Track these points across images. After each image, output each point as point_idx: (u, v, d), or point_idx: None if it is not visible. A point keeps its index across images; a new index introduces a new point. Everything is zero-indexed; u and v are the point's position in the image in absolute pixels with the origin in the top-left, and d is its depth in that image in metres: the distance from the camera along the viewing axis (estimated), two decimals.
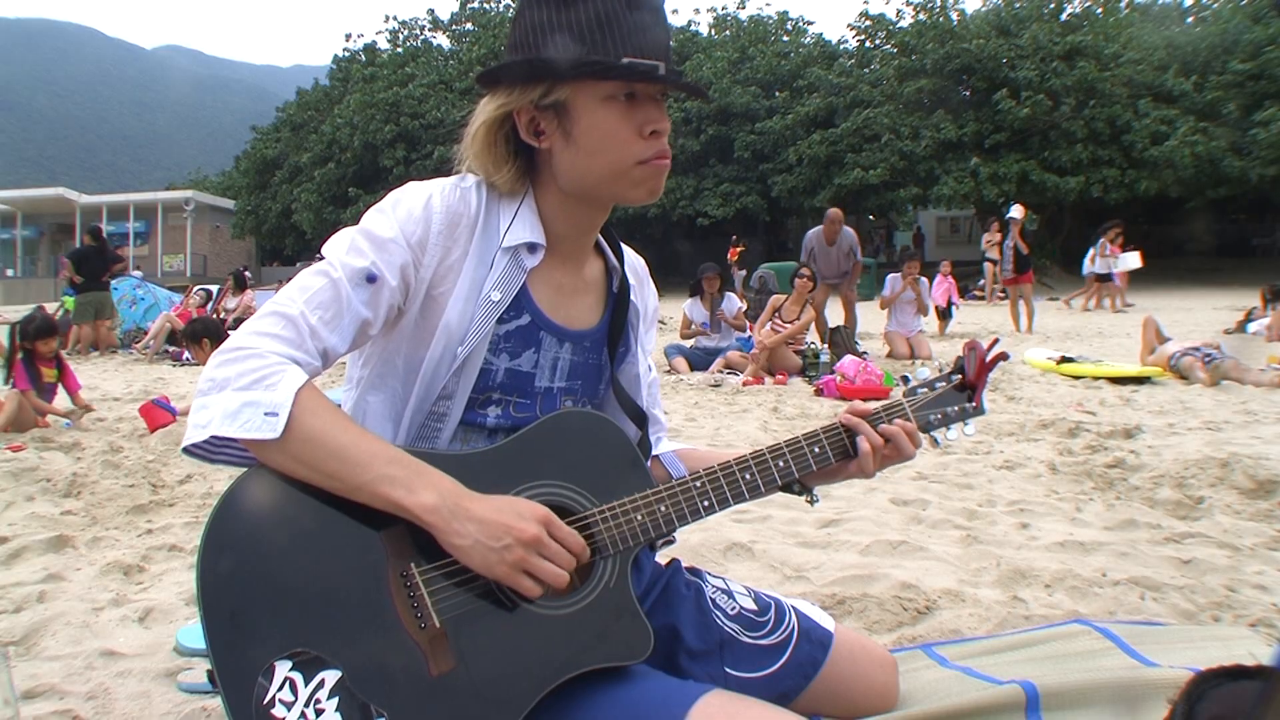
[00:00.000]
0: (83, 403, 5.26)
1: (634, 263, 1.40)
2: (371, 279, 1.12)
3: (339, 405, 1.14)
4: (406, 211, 1.17)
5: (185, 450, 1.05)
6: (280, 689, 0.97)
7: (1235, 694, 1.04)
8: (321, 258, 1.16)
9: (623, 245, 1.38)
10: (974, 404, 1.31)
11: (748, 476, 1.19)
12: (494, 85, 1.18)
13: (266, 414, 0.99)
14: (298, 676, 0.98)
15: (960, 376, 1.31)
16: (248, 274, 13.27)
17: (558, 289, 1.26)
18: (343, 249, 1.15)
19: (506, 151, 1.19)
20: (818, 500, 1.27)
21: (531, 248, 1.21)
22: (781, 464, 1.21)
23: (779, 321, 7.46)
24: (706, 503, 1.17)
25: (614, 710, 1.03)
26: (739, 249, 14.95)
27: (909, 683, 1.54)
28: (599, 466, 1.16)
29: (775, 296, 7.91)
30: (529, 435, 1.15)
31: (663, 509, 1.14)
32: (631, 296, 1.34)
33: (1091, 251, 14.46)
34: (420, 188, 1.20)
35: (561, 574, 1.03)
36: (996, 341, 1.34)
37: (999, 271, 14.24)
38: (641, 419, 1.33)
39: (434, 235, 1.16)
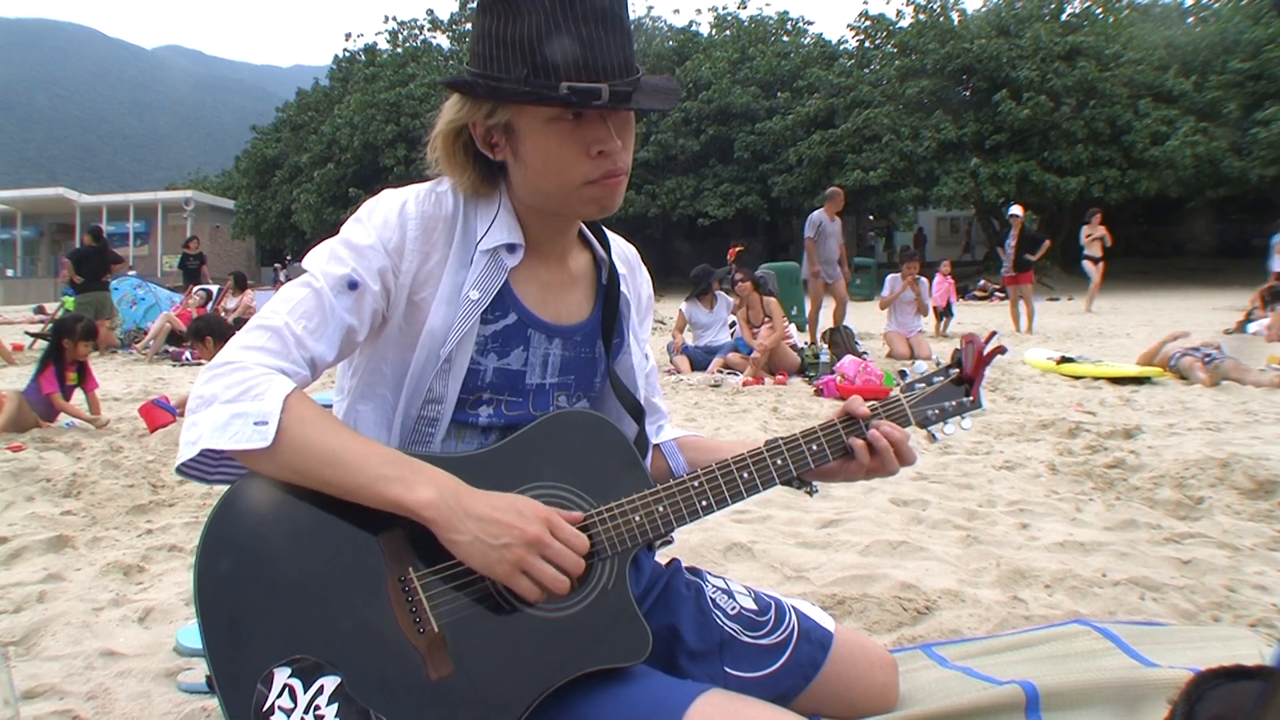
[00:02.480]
0: (99, 412, 5.23)
1: (623, 251, 1.39)
2: (353, 285, 1.13)
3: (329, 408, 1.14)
4: (382, 218, 1.17)
5: (179, 470, 1.05)
6: (279, 696, 0.97)
7: (1235, 694, 1.04)
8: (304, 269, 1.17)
9: (609, 234, 1.37)
10: (971, 398, 1.29)
11: (745, 475, 1.18)
12: (451, 91, 1.18)
13: (256, 423, 0.99)
14: (297, 683, 0.98)
15: (958, 370, 1.29)
16: (283, 274, 13.19)
17: (544, 286, 1.26)
18: (323, 259, 1.15)
19: (466, 159, 1.19)
20: (816, 491, 1.26)
21: (511, 248, 1.21)
22: (780, 462, 1.20)
23: (766, 327, 7.43)
24: (705, 502, 1.16)
25: (613, 709, 1.03)
26: (737, 249, 15.05)
27: (909, 683, 1.54)
28: (596, 467, 1.15)
29: (738, 311, 7.85)
30: (525, 436, 1.15)
31: (661, 509, 1.14)
32: (621, 287, 1.33)
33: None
34: (395, 194, 1.20)
35: (562, 579, 1.03)
36: (994, 335, 1.32)
37: (1098, 271, 13.57)
38: (639, 412, 1.33)
39: (410, 240, 1.17)
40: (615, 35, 1.09)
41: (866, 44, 29.89)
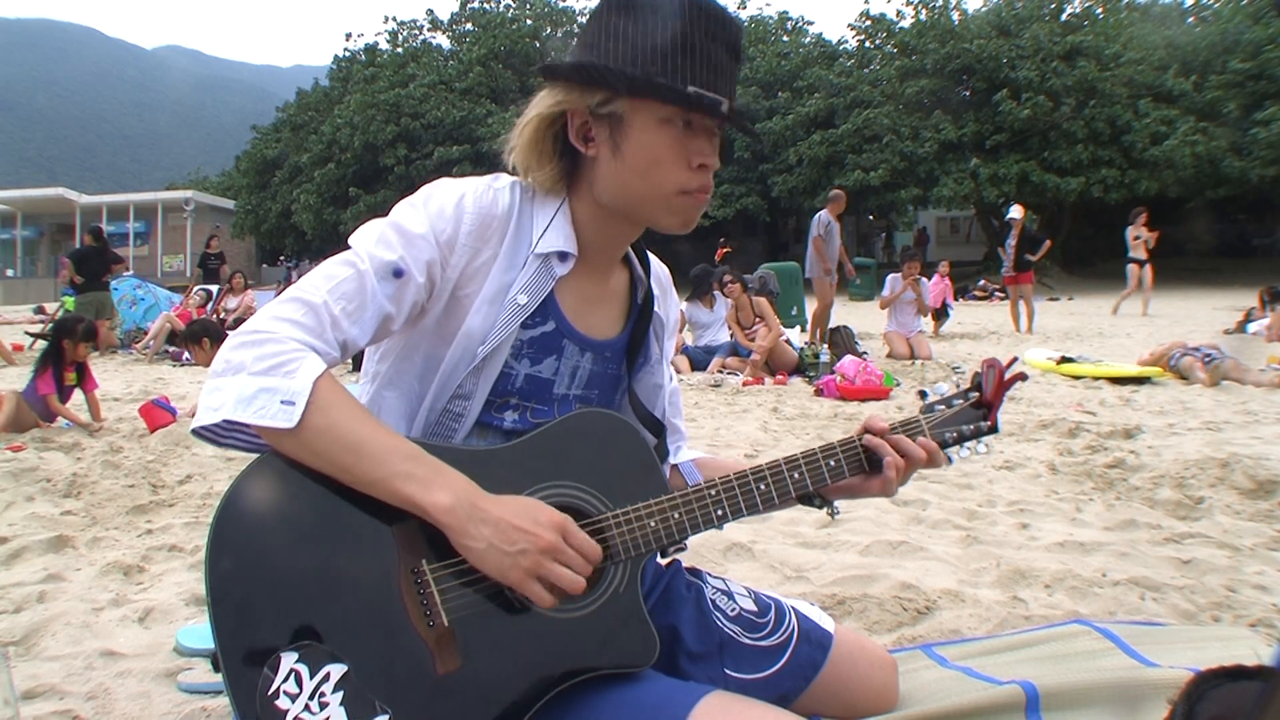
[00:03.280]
0: (99, 414, 5.21)
1: (659, 273, 1.39)
2: (399, 273, 1.11)
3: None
4: (438, 208, 1.15)
5: (195, 432, 1.03)
6: (285, 680, 0.97)
7: (1235, 694, 1.04)
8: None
9: (649, 255, 1.36)
10: (989, 423, 1.29)
11: (762, 487, 1.18)
12: (555, 80, 1.16)
13: (283, 402, 0.98)
14: (303, 669, 0.97)
15: (977, 394, 1.30)
16: (295, 273, 13.01)
17: (583, 298, 1.25)
18: (371, 240, 1.13)
19: (552, 150, 1.18)
20: (838, 512, 1.26)
21: (563, 256, 1.20)
22: (796, 476, 1.20)
23: (763, 327, 7.43)
24: (720, 511, 1.16)
25: (615, 711, 1.03)
26: (726, 249, 15.04)
27: (909, 683, 1.54)
28: (614, 469, 1.15)
29: (728, 314, 7.86)
30: (546, 434, 1.14)
31: (676, 516, 1.13)
32: (655, 307, 1.34)
33: None
34: (453, 185, 1.18)
35: (578, 580, 1.02)
36: (1015, 360, 1.33)
37: (1141, 274, 13.27)
38: (658, 429, 1.32)
39: (463, 235, 1.15)
40: (734, 69, 1.15)
41: (866, 44, 29.91)
